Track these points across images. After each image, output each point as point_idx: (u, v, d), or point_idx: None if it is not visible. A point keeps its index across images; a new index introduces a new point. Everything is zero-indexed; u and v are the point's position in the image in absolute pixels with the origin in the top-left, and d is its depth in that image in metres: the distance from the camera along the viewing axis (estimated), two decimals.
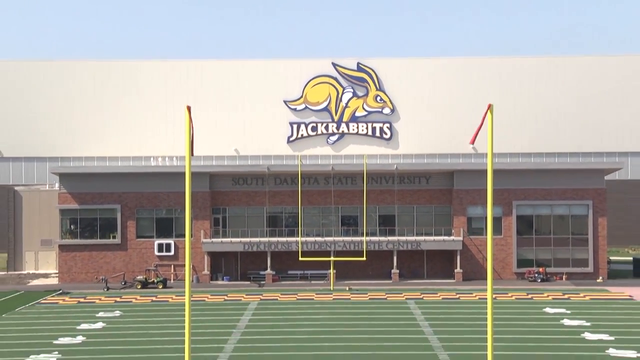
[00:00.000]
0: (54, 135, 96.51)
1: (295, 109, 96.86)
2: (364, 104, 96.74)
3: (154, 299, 62.72)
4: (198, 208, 73.11)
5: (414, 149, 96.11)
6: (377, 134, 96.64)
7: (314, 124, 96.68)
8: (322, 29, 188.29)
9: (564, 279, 72.06)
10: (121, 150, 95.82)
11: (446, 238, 73.12)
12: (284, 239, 73.05)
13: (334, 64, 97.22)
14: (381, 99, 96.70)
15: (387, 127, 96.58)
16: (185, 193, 24.23)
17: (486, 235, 70.22)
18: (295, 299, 62.30)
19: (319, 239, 73.19)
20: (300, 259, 70.21)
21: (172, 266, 73.62)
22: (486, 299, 34.32)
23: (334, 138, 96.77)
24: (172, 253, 73.59)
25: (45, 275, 78.11)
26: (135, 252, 73.86)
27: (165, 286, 69.16)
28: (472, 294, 63.59)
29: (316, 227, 75.10)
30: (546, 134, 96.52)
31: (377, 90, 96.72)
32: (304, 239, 72.27)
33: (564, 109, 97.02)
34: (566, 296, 62.23)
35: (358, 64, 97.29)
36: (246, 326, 50.10)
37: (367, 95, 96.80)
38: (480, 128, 23.68)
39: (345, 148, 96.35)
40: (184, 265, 72.07)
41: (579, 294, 63.56)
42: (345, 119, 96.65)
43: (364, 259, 69.75)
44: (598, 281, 71.18)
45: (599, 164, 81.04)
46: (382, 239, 72.87)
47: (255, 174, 75.66)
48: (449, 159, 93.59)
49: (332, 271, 69.28)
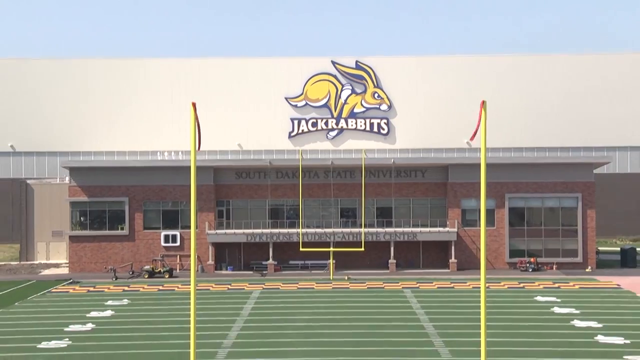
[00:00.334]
0: (64, 130, 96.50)
1: (296, 106, 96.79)
2: (362, 101, 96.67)
3: (160, 288, 62.74)
4: (203, 201, 73.07)
5: (410, 144, 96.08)
6: (375, 129, 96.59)
7: (314, 120, 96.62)
8: (322, 28, 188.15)
9: (554, 268, 72.07)
10: (129, 145, 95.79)
11: (441, 229, 73.10)
12: (285, 231, 73.04)
13: (333, 62, 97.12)
14: (379, 96, 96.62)
15: (384, 123, 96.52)
16: (190, 186, 24.22)
17: (480, 226, 70.21)
18: (296, 288, 62.32)
19: (319, 230, 73.16)
20: (301, 249, 70.22)
21: (178, 256, 73.64)
22: (480, 287, 34.33)
23: (333, 133, 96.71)
24: (178, 244, 73.59)
25: (56, 265, 78.12)
26: (142, 243, 73.86)
27: (171, 276, 69.18)
28: (466, 283, 63.60)
29: (316, 219, 75.05)
30: (537, 130, 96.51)
31: (375, 87, 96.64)
32: (304, 230, 72.26)
33: (554, 106, 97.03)
34: (556, 285, 62.25)
35: (356, 62, 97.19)
36: (249, 314, 50.12)
37: (365, 92, 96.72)
38: (478, 125, 23.64)
39: (344, 143, 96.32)
40: (190, 256, 71.90)
41: (568, 283, 63.59)
42: (344, 115, 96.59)
43: (362, 249, 69.73)
44: (587, 271, 71.19)
45: (588, 158, 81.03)
46: (380, 230, 72.84)
47: (257, 168, 75.61)
48: (443, 154, 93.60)
49: (331, 261, 69.28)
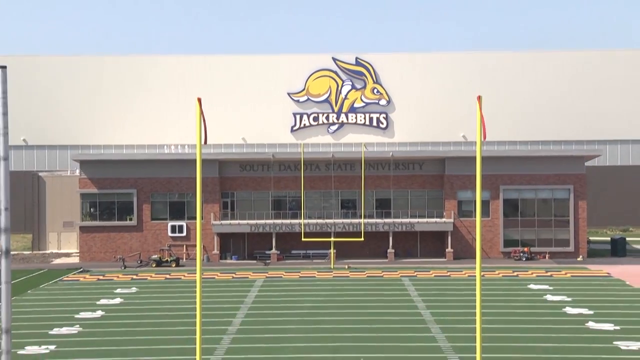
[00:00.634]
0: (75, 125, 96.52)
1: (298, 101, 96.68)
2: (362, 96, 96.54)
3: (167, 276, 62.79)
4: (208, 192, 73.03)
5: (408, 138, 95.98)
6: (374, 123, 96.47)
7: (316, 115, 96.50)
8: (323, 26, 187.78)
9: (547, 257, 72.03)
10: (137, 139, 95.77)
11: (438, 220, 73.07)
12: (287, 221, 73.00)
13: (334, 59, 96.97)
14: (378, 91, 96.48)
15: (383, 117, 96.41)
16: (196, 178, 24.18)
17: (475, 217, 70.18)
18: (298, 276, 62.35)
19: (320, 221, 73.12)
20: (303, 239, 70.16)
21: (185, 246, 73.62)
22: (475, 276, 34.31)
23: (334, 127, 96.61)
24: (184, 234, 73.56)
25: (67, 255, 78.17)
26: (150, 233, 73.85)
27: (178, 265, 69.19)
28: (462, 271, 63.62)
29: (318, 210, 75.00)
30: (531, 124, 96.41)
31: (374, 83, 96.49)
32: (306, 221, 72.20)
33: (546, 101, 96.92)
34: (549, 274, 62.24)
35: (356, 58, 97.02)
36: (253, 301, 50.14)
37: (364, 87, 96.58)
38: (484, 122, 23.57)
39: (345, 137, 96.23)
40: (196, 246, 71.99)
41: (560, 271, 63.58)
42: (345, 109, 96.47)
43: (362, 239, 69.69)
44: (578, 260, 71.16)
45: (580, 151, 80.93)
46: (379, 220, 72.80)
47: (261, 161, 75.53)
48: (440, 147, 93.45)
49: (332, 251, 69.26)
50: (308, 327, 41.70)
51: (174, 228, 73.66)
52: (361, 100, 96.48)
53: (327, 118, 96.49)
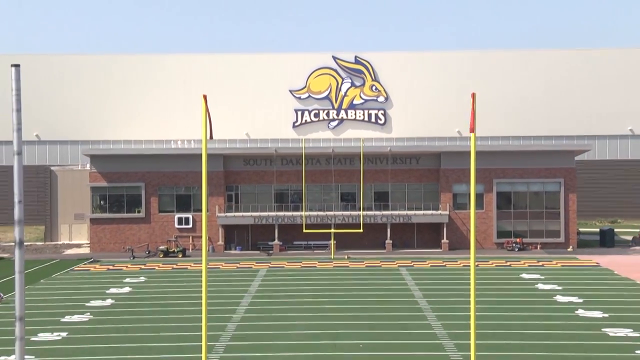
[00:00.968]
0: (86, 121, 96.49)
1: (299, 98, 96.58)
2: (361, 93, 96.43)
3: (174, 266, 62.82)
4: (213, 186, 73.01)
5: (405, 133, 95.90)
6: (373, 119, 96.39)
7: (317, 111, 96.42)
8: (323, 26, 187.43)
9: (538, 248, 72.02)
10: (145, 135, 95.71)
11: (434, 212, 73.05)
12: (289, 213, 73.00)
13: (334, 57, 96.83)
14: (376, 89, 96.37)
15: (381, 114, 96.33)
16: (202, 172, 24.17)
17: (469, 209, 70.16)
18: (299, 266, 62.37)
19: (321, 213, 73.10)
20: (304, 231, 70.13)
21: (191, 237, 73.62)
22: (469, 266, 34.31)
23: (334, 123, 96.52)
24: (191, 226, 73.56)
25: (78, 246, 78.20)
26: (157, 225, 73.85)
27: (184, 255, 69.23)
28: (457, 261, 63.63)
29: (318, 203, 74.96)
30: (523, 119, 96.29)
31: (373, 80, 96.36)
32: (307, 213, 72.20)
33: (538, 97, 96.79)
34: (540, 263, 62.24)
35: (355, 57, 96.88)
36: (256, 291, 50.18)
37: (363, 85, 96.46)
38: (474, 116, 23.52)
39: (344, 132, 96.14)
40: (201, 237, 72.01)
41: (551, 261, 63.58)
42: (344, 106, 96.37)
43: (361, 231, 69.66)
44: (569, 250, 71.16)
45: (570, 146, 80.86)
46: (377, 213, 72.79)
47: (264, 155, 75.50)
48: (436, 142, 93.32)
49: (332, 242, 69.28)
50: (309, 315, 41.73)
51: (180, 220, 73.66)
52: (360, 97, 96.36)
53: (328, 114, 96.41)
